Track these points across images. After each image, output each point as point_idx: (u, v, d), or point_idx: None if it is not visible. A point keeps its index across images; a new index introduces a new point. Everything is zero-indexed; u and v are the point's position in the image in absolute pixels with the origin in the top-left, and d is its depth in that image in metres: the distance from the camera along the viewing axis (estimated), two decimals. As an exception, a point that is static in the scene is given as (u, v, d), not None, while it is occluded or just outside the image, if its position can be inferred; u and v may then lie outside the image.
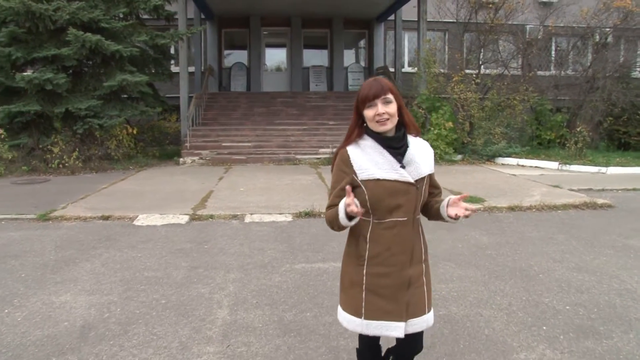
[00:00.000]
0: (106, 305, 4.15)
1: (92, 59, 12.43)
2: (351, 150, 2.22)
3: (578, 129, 13.58)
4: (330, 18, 19.64)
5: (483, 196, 8.41)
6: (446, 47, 18.62)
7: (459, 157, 13.45)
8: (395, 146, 2.22)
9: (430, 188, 2.34)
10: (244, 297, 4.31)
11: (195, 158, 13.33)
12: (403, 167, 2.19)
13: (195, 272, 4.96)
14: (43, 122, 12.52)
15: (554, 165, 12.34)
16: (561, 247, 5.78)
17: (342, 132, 15.07)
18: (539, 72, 16.13)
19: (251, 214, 7.24)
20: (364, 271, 2.24)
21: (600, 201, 8.08)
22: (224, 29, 19.81)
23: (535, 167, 12.53)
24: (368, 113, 2.17)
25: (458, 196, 2.21)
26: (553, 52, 17.59)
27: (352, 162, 2.19)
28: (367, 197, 2.17)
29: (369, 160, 2.18)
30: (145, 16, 14.36)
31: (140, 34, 12.81)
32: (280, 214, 7.22)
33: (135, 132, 13.34)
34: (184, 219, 7.03)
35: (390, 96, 2.16)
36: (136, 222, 6.91)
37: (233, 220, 7.05)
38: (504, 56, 15.43)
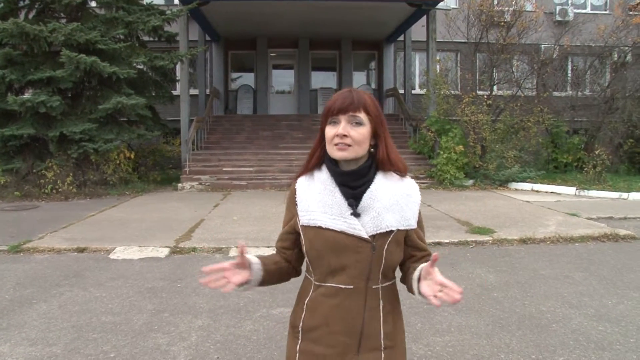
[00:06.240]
0: (45, 361, 3.60)
1: (89, 81, 12.05)
2: (301, 183, 1.70)
3: (597, 152, 12.82)
4: (339, 39, 19.22)
5: (492, 226, 7.73)
6: (458, 68, 18.03)
7: (470, 182, 12.75)
8: (351, 184, 1.62)
9: (410, 250, 1.68)
10: (205, 351, 3.72)
11: (194, 183, 12.83)
12: (357, 214, 1.58)
13: (159, 317, 4.39)
14: (38, 146, 12.18)
15: (571, 190, 11.59)
16: (579, 288, 5.10)
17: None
18: (555, 93, 15.39)
19: (237, 247, 6.66)
20: (298, 347, 1.68)
21: (622, 232, 7.35)
22: (231, 50, 19.47)
23: (551, 192, 11.77)
24: (328, 131, 1.61)
25: (429, 262, 1.49)
26: (569, 72, 16.87)
27: (297, 199, 1.67)
28: (305, 250, 1.65)
29: (315, 200, 1.63)
30: (149, 38, 14.03)
31: (139, 55, 12.45)
32: (268, 247, 6.56)
33: (132, 156, 12.88)
34: (164, 252, 6.48)
35: (361, 116, 1.57)
36: (112, 256, 6.37)
37: (216, 254, 6.47)
38: (517, 76, 14.79)
